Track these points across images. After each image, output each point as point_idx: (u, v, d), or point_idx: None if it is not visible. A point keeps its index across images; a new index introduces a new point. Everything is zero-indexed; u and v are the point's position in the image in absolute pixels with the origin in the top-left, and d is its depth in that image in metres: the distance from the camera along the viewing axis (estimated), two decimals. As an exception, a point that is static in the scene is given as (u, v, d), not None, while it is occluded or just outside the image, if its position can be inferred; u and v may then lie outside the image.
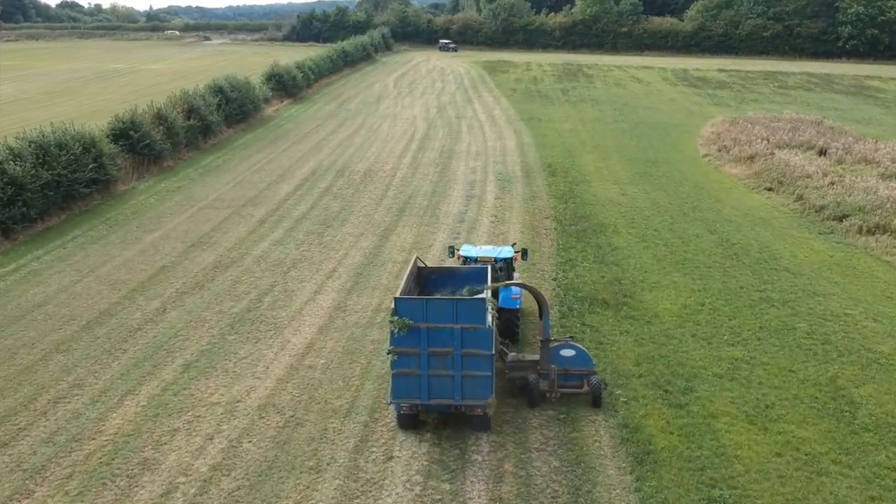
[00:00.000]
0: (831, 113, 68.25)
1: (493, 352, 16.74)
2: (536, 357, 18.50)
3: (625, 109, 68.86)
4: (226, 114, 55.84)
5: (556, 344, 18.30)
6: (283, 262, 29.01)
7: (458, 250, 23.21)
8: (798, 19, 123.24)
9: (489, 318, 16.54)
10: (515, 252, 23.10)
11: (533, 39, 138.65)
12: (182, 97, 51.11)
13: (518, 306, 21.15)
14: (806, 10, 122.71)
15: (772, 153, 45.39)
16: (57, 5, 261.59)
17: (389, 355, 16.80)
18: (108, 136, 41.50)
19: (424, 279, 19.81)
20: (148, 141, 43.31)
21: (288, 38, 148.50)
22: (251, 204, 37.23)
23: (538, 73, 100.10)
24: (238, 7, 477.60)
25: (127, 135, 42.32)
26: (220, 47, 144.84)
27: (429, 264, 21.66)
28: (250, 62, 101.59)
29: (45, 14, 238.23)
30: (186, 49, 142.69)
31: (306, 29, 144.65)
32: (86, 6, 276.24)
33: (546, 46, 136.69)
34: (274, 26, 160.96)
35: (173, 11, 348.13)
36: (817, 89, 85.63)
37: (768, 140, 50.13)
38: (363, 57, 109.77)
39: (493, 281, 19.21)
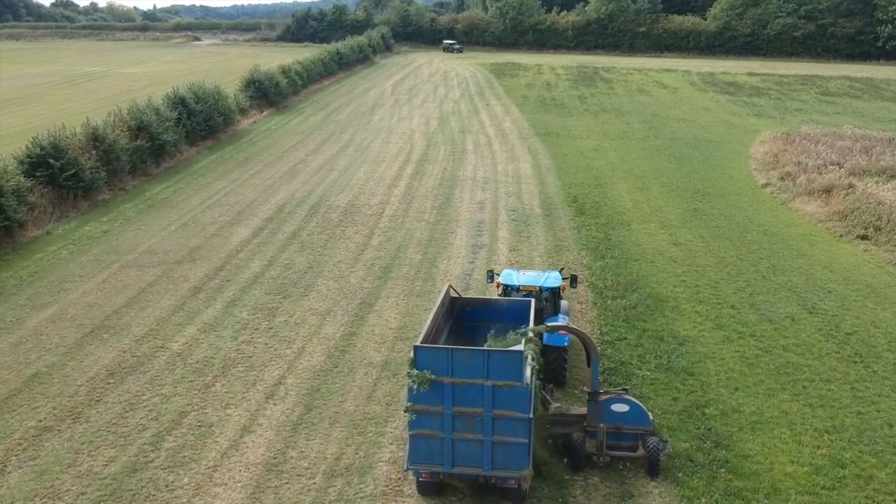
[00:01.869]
0: (892, 126, 59.26)
1: (532, 415, 14.08)
2: (583, 411, 15.88)
3: (654, 121, 59.86)
4: (187, 130, 47.07)
5: (606, 397, 15.69)
6: (209, 365, 20.20)
7: (498, 276, 20.37)
8: (832, 18, 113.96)
9: (528, 372, 14.11)
10: (563, 279, 20.22)
11: (544, 40, 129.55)
12: (130, 112, 42.35)
13: (566, 343, 18.23)
14: (840, 7, 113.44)
15: (850, 184, 36.40)
16: (51, 4, 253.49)
17: (407, 413, 14.51)
18: (21, 166, 32.97)
19: (458, 312, 17.85)
20: (74, 170, 34.59)
21: (282, 38, 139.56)
22: (190, 259, 28.40)
23: (551, 77, 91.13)
24: (243, 6, 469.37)
25: (46, 163, 33.63)
26: (209, 48, 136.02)
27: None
28: (237, 65, 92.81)
29: (37, 13, 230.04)
30: (172, 50, 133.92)
31: (301, 29, 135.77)
32: (81, 5, 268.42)
33: (558, 47, 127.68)
34: (267, 26, 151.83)
35: (174, 10, 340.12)
36: (865, 96, 76.50)
37: (839, 164, 41.22)
38: (360, 59, 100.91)
39: (536, 314, 17.01)
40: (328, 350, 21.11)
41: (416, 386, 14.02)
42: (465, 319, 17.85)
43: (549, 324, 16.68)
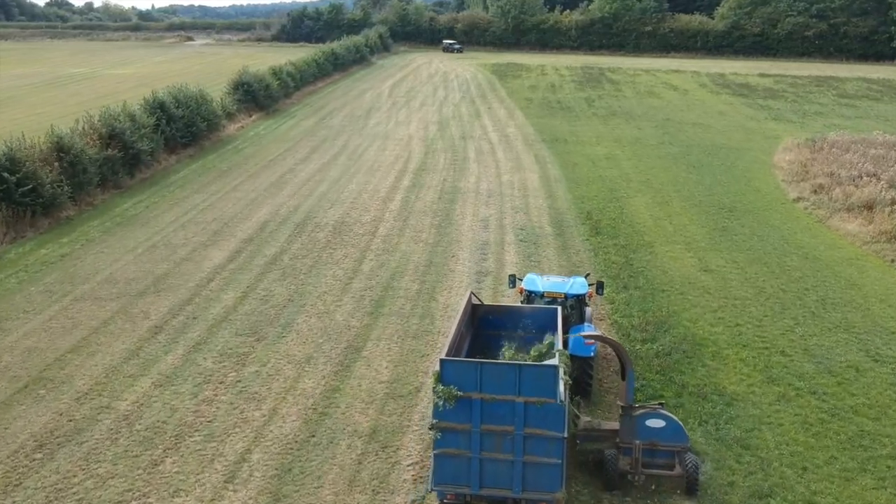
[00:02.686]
0: (920, 130, 55.70)
1: (566, 433, 13.02)
2: (616, 426, 14.75)
3: (668, 126, 56.28)
4: (166, 137, 43.52)
5: (641, 412, 14.47)
6: (160, 433, 16.67)
7: (521, 281, 19.46)
8: (845, 17, 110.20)
9: (562, 388, 12.93)
10: (589, 286, 19.28)
11: (546, 40, 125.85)
12: (102, 118, 38.82)
13: (592, 353, 17.33)
14: (853, 6, 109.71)
15: (892, 198, 32.87)
16: (45, 3, 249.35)
17: (432, 431, 13.43)
18: (-29, 180, 29.50)
19: (479, 320, 17.11)
20: (32, 185, 31.06)
21: (277, 38, 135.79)
22: (154, 290, 24.85)
23: (555, 78, 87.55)
24: (241, 6, 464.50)
25: (0, 177, 30.09)
26: (201, 48, 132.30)
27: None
28: (230, 66, 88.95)
29: (31, 13, 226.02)
30: (164, 50, 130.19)
31: (297, 28, 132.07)
32: (77, 5, 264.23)
33: (561, 47, 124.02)
34: (262, 25, 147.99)
35: (172, 10, 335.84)
36: (885, 99, 72.92)
37: (876, 176, 37.69)
38: (356, 59, 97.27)
39: (564, 323, 16.23)
40: (305, 412, 17.56)
41: (442, 402, 13.09)
42: (487, 328, 16.98)
43: (580, 333, 16.05)
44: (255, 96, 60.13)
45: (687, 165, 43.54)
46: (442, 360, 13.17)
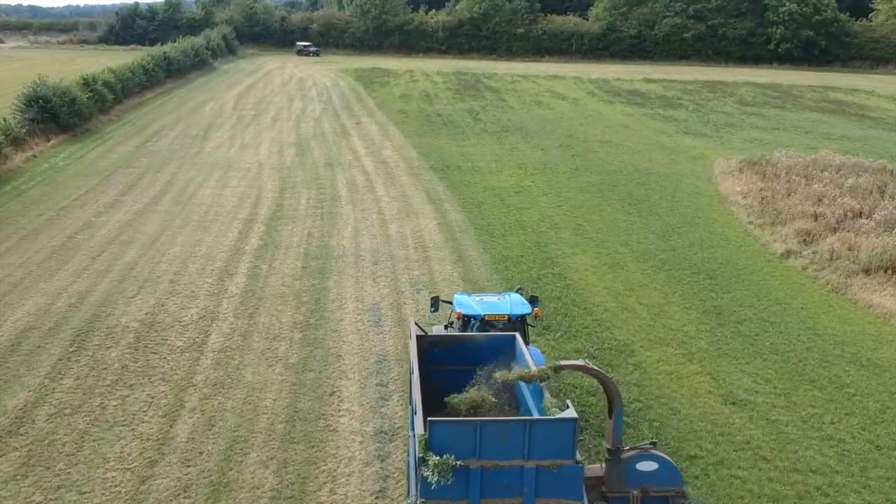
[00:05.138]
0: (847, 144, 49.52)
1: (585, 501, 10.97)
2: (600, 472, 12.43)
3: (573, 145, 47.17)
4: None
5: (630, 454, 12.27)
6: None
7: (449, 304, 16.54)
8: (722, 18, 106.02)
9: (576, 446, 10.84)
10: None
11: (412, 42, 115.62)
12: None
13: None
14: (730, 6, 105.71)
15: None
16: None
17: None
18: None
19: (424, 353, 13.55)
20: None
21: (105, 39, 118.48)
22: None
23: (428, 85, 77.45)
24: (77, 6, 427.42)
25: None
26: (10, 52, 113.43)
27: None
28: (44, 72, 73.68)
29: None
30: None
31: (128, 29, 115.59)
32: None
33: (428, 50, 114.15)
34: (87, 26, 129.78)
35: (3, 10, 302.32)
36: (788, 106, 67.17)
37: (864, 214, 29.65)
38: (195, 64, 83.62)
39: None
40: None
41: (435, 478, 10.36)
42: (433, 362, 13.66)
43: (563, 362, 12.77)
44: (56, 114, 46.47)
45: (620, 202, 34.23)
46: (431, 422, 10.52)
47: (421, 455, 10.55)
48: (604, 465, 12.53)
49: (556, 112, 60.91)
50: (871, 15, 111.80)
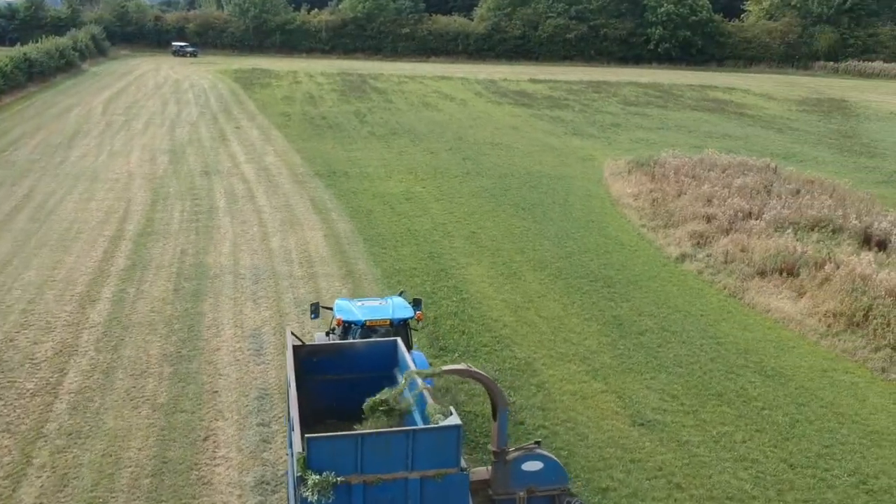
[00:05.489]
0: (730, 142, 50.59)
1: None
2: (486, 475, 12.44)
3: (463, 148, 46.13)
4: None
5: (516, 454, 12.34)
6: None
7: (330, 310, 15.85)
8: (603, 19, 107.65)
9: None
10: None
11: (294, 42, 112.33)
12: None
13: (431, 385, 13.23)
14: (610, 7, 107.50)
15: (821, 259, 24.43)
16: None
17: None
18: None
19: (302, 364, 12.90)
20: None
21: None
22: None
23: (312, 86, 75.03)
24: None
25: None
26: None
27: None
28: None
29: None
30: None
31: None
32: None
33: (311, 50, 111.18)
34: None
35: None
36: (671, 106, 68.39)
37: (753, 214, 29.73)
38: (61, 67, 78.30)
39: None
40: None
41: (315, 497, 9.93)
42: (311, 373, 13.13)
43: (445, 368, 12.59)
44: None
45: (513, 207, 33.30)
46: (309, 439, 10.08)
47: (299, 474, 10.14)
48: (489, 468, 12.45)
49: (445, 114, 59.88)
50: (742, 16, 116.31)
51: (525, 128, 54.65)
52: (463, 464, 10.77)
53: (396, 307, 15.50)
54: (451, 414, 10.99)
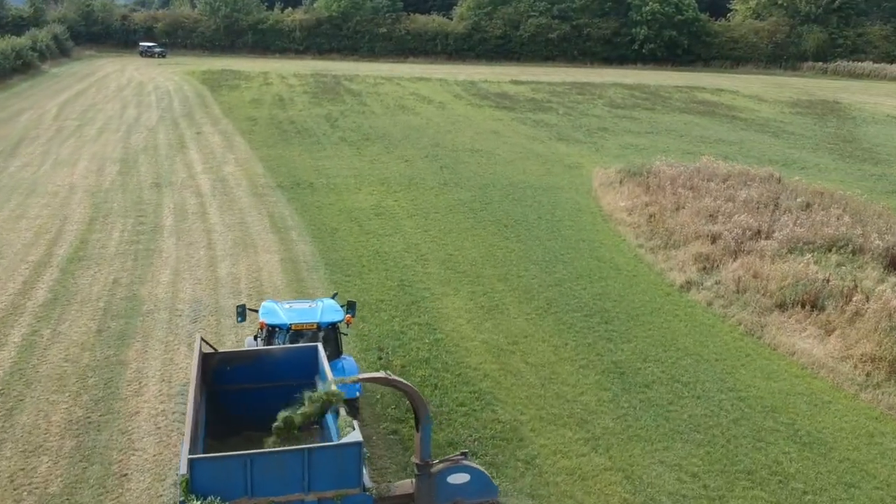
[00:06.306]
0: (725, 147, 47.64)
1: None
2: (410, 489, 11.97)
3: (440, 155, 42.75)
4: None
5: (441, 466, 11.94)
6: None
7: (256, 312, 15.05)
8: (587, 18, 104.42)
9: (365, 472, 10.61)
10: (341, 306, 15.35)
11: (267, 42, 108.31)
12: None
13: (358, 394, 13.85)
14: (593, 6, 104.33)
15: (849, 287, 21.29)
16: None
17: None
18: None
19: (214, 373, 12.70)
20: None
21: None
22: None
23: (283, 88, 71.34)
24: None
25: None
26: None
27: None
28: None
29: None
30: None
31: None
32: None
33: (285, 51, 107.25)
34: None
35: None
36: (658, 108, 65.28)
37: (762, 232, 26.59)
38: (18, 68, 74.22)
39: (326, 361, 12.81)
40: None
41: None
42: (224, 383, 12.76)
43: (362, 375, 12.58)
44: None
45: (495, 224, 29.97)
46: (192, 461, 9.50)
47: (182, 499, 9.53)
48: (414, 481, 11.99)
49: (422, 117, 56.45)
50: (728, 15, 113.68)
51: (507, 132, 51.34)
52: (367, 483, 10.25)
53: (325, 310, 14.89)
54: (354, 429, 10.47)
